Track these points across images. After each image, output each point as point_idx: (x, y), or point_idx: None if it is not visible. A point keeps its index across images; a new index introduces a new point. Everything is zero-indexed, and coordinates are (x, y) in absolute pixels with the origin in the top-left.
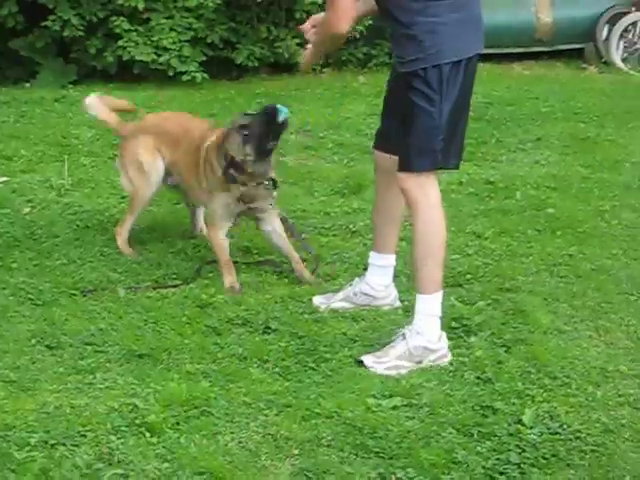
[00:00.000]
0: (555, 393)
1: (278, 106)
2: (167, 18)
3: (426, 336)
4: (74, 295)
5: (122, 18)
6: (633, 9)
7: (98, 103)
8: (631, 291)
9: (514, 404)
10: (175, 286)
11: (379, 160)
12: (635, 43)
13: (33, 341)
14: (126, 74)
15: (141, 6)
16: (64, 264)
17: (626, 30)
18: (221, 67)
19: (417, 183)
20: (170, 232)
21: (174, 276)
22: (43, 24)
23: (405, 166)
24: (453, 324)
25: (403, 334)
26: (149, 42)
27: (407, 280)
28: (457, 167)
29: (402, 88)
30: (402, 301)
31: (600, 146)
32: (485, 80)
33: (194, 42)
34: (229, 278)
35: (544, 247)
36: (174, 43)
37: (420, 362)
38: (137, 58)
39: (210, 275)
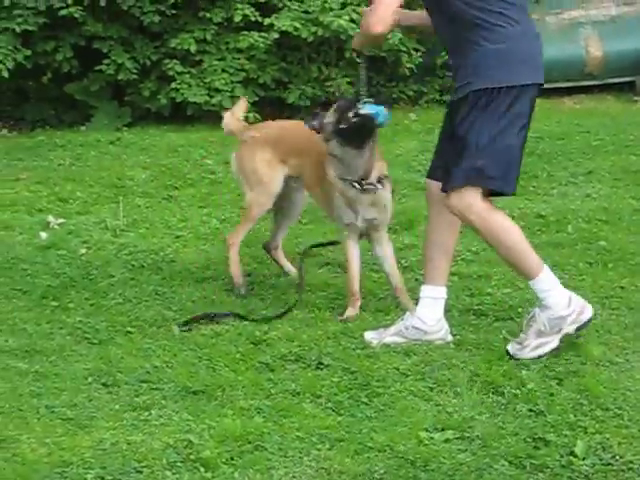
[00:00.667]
0: (607, 424)
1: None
2: (219, 60)
3: (555, 307)
4: (130, 333)
5: (175, 61)
6: None
7: (230, 118)
8: None
9: (566, 436)
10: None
11: (431, 188)
12: None
13: (90, 379)
14: (180, 116)
15: (193, 48)
16: (119, 303)
17: None
18: (273, 107)
19: (464, 204)
20: (224, 270)
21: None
22: (97, 68)
23: (446, 184)
24: (506, 357)
25: (533, 314)
26: (202, 84)
27: (459, 314)
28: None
29: (454, 113)
30: (454, 335)
31: None
32: (536, 115)
33: (246, 83)
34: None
35: (596, 280)
36: (226, 84)
37: (560, 330)
38: (190, 100)
39: (263, 312)
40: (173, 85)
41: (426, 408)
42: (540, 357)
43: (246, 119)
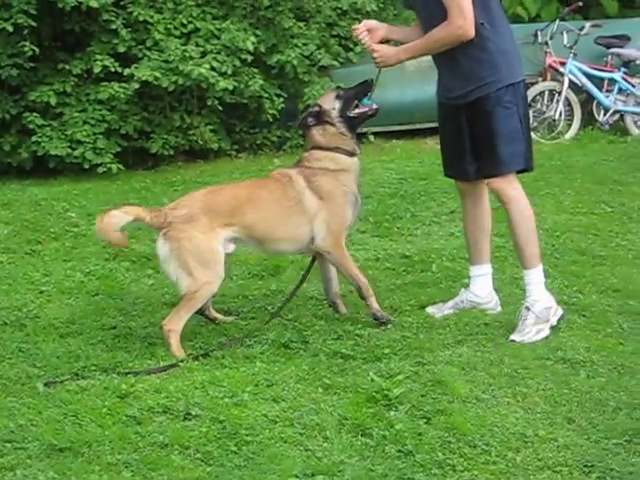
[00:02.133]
0: (475, 461)
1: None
2: (80, 111)
3: (543, 300)
4: None
5: (35, 114)
6: (539, 79)
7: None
8: (547, 355)
9: (435, 475)
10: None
11: (463, 187)
12: (544, 112)
13: None
14: (42, 169)
15: (53, 101)
16: None
17: (534, 100)
18: (136, 157)
19: (507, 182)
20: (89, 324)
21: (93, 367)
22: None
23: (497, 170)
24: (373, 398)
25: (526, 307)
26: (63, 136)
27: (326, 358)
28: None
29: (471, 113)
30: (321, 379)
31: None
32: (399, 156)
33: (108, 134)
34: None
35: (460, 318)
36: (88, 136)
37: (548, 320)
38: (52, 153)
39: (129, 365)
40: (34, 138)
41: (295, 454)
42: (546, 337)
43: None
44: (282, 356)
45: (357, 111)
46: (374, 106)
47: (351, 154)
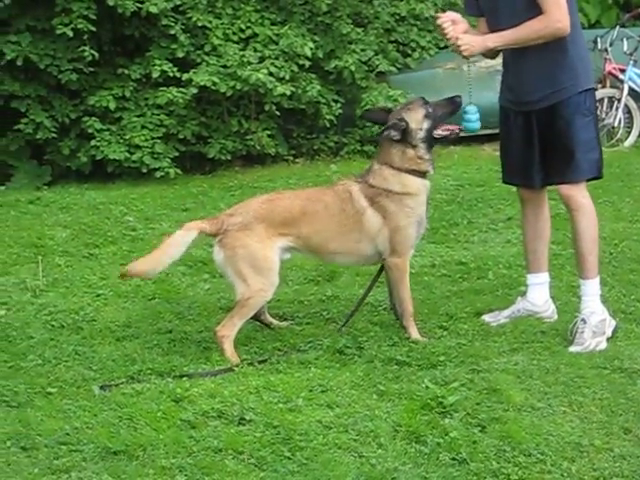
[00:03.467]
0: (530, 470)
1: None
2: (138, 116)
3: (598, 312)
4: (49, 394)
5: (94, 118)
6: (599, 86)
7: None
8: (604, 364)
9: None
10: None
11: (525, 195)
12: (603, 119)
13: (8, 443)
14: (100, 173)
15: (112, 105)
16: (39, 364)
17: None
18: (194, 162)
19: (579, 189)
20: (145, 328)
21: (149, 371)
22: (16, 127)
23: (571, 178)
24: (428, 405)
25: (582, 319)
26: (121, 140)
27: (382, 364)
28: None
29: (546, 119)
30: (375, 386)
31: (565, 224)
32: (456, 163)
33: (166, 138)
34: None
35: (517, 326)
36: (146, 140)
37: (604, 333)
38: (110, 157)
39: (185, 369)
40: (93, 143)
41: (349, 460)
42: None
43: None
44: (337, 362)
45: (441, 133)
46: (457, 128)
47: (423, 175)
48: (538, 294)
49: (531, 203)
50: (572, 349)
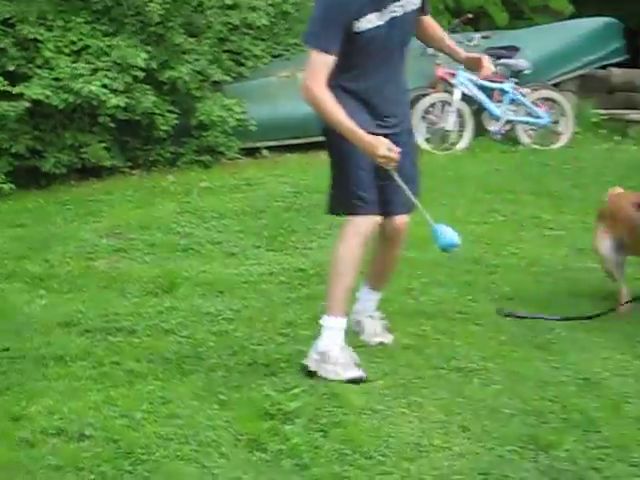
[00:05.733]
0: (371, 472)
1: None
2: None
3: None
4: None
5: None
6: (430, 91)
7: None
8: (441, 365)
9: None
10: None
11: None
12: (436, 124)
13: None
14: None
15: None
16: None
17: (426, 112)
18: (29, 176)
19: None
20: None
21: None
22: None
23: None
24: (269, 413)
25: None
26: None
27: (223, 374)
28: None
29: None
30: (217, 395)
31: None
32: (293, 170)
33: None
34: None
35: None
36: None
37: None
38: None
39: (23, 387)
40: None
41: (191, 471)
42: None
43: None
44: (177, 373)
45: None
46: None
47: None
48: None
49: (386, 237)
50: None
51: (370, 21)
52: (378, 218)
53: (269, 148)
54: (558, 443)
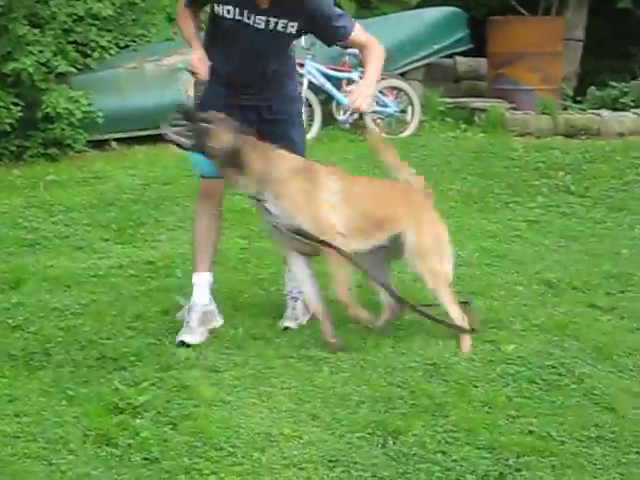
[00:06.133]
0: (222, 464)
1: None
2: None
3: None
4: None
5: None
6: None
7: None
8: (291, 354)
9: None
10: None
11: (211, 187)
12: None
13: None
14: None
15: None
16: None
17: None
18: None
19: None
20: None
21: None
22: None
23: None
24: (118, 407)
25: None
26: None
27: (72, 369)
28: None
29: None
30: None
31: (255, 216)
32: (141, 162)
33: None
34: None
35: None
36: None
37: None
38: None
39: None
40: None
41: (39, 469)
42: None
43: None
44: (25, 370)
45: None
46: None
47: None
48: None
49: (215, 197)
50: (287, 324)
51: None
52: None
53: (117, 140)
54: (407, 428)
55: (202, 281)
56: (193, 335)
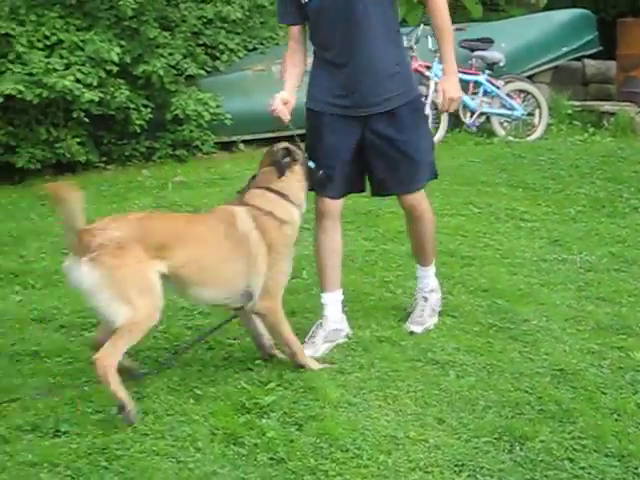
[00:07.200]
0: (347, 465)
1: None
2: None
3: (437, 290)
4: None
5: None
6: None
7: None
8: (417, 357)
9: None
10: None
11: (331, 207)
12: None
13: None
14: None
15: None
16: None
17: None
18: (3, 172)
19: (421, 196)
20: None
21: None
22: None
23: (414, 185)
24: (245, 407)
25: (423, 297)
26: None
27: (199, 368)
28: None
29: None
30: (193, 389)
31: (382, 219)
32: None
33: None
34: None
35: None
36: None
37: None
38: None
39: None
40: None
41: (167, 466)
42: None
43: None
44: (154, 368)
45: None
46: None
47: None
48: (336, 311)
49: (332, 215)
50: (413, 328)
51: None
52: None
53: (244, 142)
54: (534, 434)
55: (333, 300)
56: (315, 350)
